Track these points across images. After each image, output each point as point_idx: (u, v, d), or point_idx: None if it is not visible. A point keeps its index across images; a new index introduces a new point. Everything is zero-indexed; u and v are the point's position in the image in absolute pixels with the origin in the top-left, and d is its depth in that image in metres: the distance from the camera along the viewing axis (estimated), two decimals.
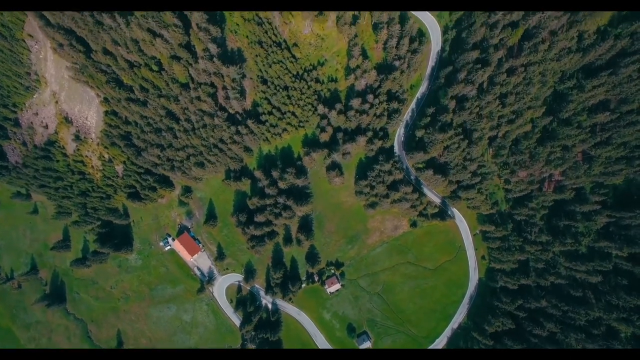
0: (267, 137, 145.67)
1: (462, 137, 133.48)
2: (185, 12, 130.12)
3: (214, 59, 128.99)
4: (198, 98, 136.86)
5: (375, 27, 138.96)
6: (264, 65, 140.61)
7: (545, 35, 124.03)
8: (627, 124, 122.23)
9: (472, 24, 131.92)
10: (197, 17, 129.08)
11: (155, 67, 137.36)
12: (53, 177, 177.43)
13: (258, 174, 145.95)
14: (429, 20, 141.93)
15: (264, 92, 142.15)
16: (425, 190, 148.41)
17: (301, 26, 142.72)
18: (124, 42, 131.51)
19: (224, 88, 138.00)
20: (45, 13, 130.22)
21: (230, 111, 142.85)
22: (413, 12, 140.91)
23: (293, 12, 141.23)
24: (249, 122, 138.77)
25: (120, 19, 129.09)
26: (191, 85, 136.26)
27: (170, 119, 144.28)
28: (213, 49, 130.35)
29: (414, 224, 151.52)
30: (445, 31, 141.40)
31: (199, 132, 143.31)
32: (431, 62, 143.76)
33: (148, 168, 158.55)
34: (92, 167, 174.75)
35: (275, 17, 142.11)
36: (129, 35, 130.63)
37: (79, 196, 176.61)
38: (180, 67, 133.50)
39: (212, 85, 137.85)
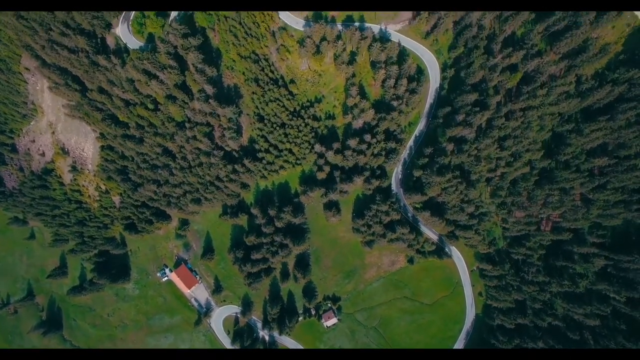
0: (264, 174, 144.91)
1: (459, 180, 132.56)
2: (181, 53, 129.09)
3: (210, 100, 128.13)
4: (194, 137, 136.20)
5: (374, 65, 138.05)
6: (260, 102, 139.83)
7: (544, 80, 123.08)
8: (625, 169, 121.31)
9: (470, 63, 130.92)
10: (192, 58, 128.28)
11: (150, 106, 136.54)
12: (50, 205, 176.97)
13: (255, 211, 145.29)
14: (427, 57, 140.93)
15: (261, 130, 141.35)
16: (423, 228, 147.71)
17: (298, 62, 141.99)
18: (120, 82, 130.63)
19: (220, 126, 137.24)
20: (41, 53, 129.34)
21: (227, 149, 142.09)
22: (412, 49, 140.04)
23: (290, 49, 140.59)
24: (246, 161, 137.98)
25: (115, 59, 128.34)
26: (187, 125, 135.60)
27: (167, 156, 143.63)
28: (209, 89, 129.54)
29: (410, 260, 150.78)
30: (444, 69, 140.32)
31: (195, 170, 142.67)
32: (430, 99, 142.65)
33: (144, 201, 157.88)
34: (89, 196, 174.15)
35: (272, 53, 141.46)
36: (124, 76, 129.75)
37: (76, 225, 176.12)
38: (176, 107, 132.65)
39: (208, 124, 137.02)
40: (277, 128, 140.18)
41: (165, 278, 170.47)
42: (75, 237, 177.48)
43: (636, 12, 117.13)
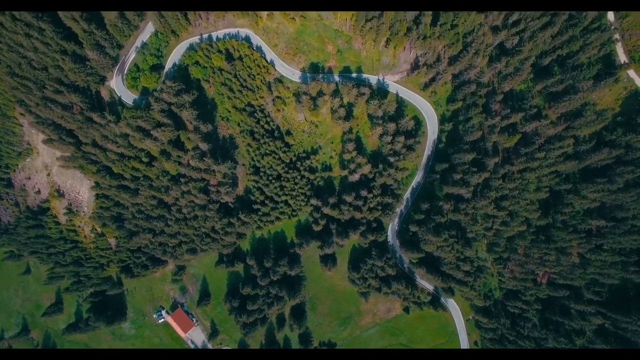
0: (259, 225, 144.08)
1: (456, 239, 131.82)
2: (174, 110, 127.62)
3: (205, 158, 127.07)
4: (189, 192, 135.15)
5: (371, 117, 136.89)
6: (256, 155, 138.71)
7: (542, 142, 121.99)
8: (622, 232, 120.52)
9: (469, 118, 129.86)
10: (187, 115, 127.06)
11: (145, 159, 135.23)
12: (45, 244, 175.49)
13: (251, 262, 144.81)
14: (426, 108, 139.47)
15: (256, 182, 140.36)
16: (419, 279, 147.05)
17: (294, 114, 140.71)
18: (114, 138, 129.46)
19: (215, 179, 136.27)
20: (35, 109, 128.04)
21: (222, 201, 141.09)
22: (410, 100, 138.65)
23: (286, 101, 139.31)
24: (241, 214, 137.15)
25: (109, 115, 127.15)
26: (182, 180, 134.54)
27: (162, 208, 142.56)
28: (203, 146, 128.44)
29: (406, 310, 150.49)
30: (442, 121, 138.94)
31: (190, 223, 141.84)
32: (427, 151, 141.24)
33: (140, 247, 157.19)
34: (85, 237, 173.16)
35: (267, 104, 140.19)
36: (118, 131, 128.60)
37: (72, 264, 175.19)
38: (170, 162, 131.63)
39: (203, 179, 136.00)
40: (273, 181, 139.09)
41: (162, 320, 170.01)
42: (70, 275, 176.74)
43: (632, 77, 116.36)
